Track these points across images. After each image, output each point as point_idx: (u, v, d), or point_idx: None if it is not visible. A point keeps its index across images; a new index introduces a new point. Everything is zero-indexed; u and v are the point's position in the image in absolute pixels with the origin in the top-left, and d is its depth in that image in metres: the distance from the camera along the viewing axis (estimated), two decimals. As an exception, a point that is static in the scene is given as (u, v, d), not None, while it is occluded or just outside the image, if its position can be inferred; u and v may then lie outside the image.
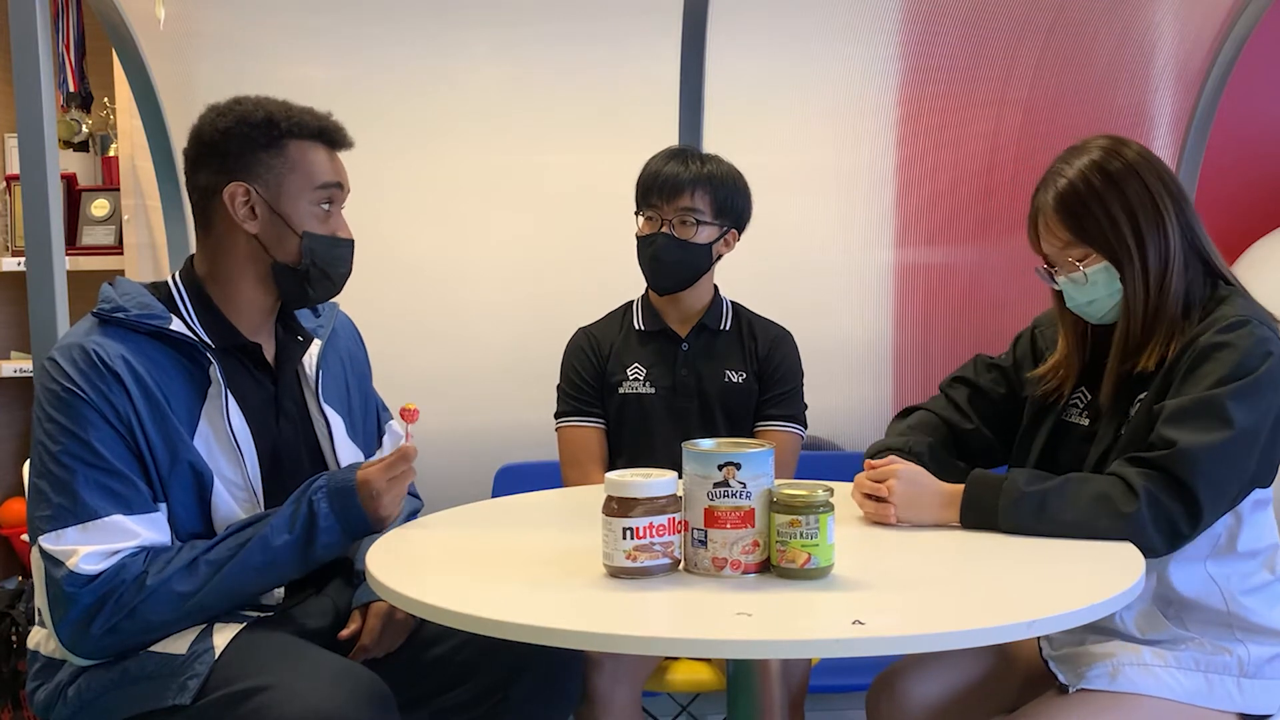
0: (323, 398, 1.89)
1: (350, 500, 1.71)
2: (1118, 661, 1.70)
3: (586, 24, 2.95)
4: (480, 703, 1.84)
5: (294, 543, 1.69)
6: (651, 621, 1.39)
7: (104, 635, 1.63)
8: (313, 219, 1.81)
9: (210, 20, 2.94)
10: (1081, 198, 1.76)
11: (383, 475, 1.72)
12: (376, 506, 1.72)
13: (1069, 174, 1.77)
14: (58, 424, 1.66)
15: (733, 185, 2.36)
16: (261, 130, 1.78)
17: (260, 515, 1.74)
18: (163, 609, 1.63)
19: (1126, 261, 1.75)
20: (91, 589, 1.61)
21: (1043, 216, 1.80)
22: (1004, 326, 2.85)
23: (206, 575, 1.65)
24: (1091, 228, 1.76)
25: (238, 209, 1.78)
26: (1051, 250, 1.81)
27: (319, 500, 1.71)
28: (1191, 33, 2.97)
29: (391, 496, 1.73)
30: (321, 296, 1.86)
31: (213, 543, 1.69)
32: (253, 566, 1.67)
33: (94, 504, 1.63)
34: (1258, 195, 3.32)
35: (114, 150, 3.41)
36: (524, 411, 2.70)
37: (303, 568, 1.72)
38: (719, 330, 2.43)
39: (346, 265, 1.86)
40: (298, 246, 1.79)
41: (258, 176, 1.78)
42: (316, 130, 1.82)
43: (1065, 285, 1.81)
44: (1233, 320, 1.69)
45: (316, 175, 1.80)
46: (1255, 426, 1.65)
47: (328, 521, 1.70)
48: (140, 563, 1.64)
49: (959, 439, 1.97)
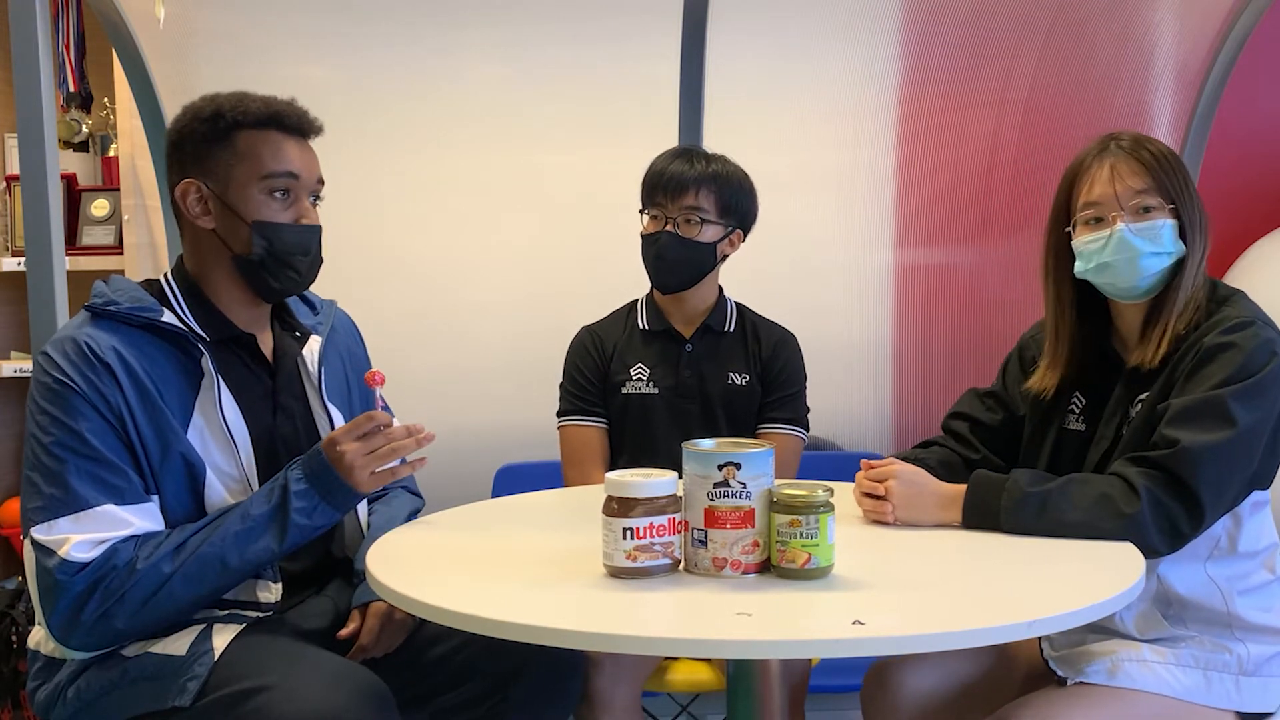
0: (325, 394, 1.89)
1: (318, 459, 1.69)
2: (1117, 658, 1.70)
3: (587, 24, 2.95)
4: (480, 703, 1.84)
5: (271, 510, 1.68)
6: (651, 621, 1.39)
7: (96, 622, 1.62)
8: (264, 208, 1.77)
9: (210, 20, 2.94)
10: (1166, 156, 1.77)
11: (347, 435, 1.69)
12: (346, 467, 1.68)
13: (1145, 139, 1.78)
14: (50, 415, 1.66)
15: (738, 185, 2.36)
16: (209, 124, 1.78)
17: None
18: (151, 588, 1.62)
19: (1197, 230, 1.76)
20: (83, 576, 1.60)
21: (1112, 162, 1.77)
22: (1004, 326, 2.87)
23: (191, 550, 1.64)
24: (1175, 181, 1.76)
25: (190, 206, 1.79)
26: (1122, 190, 1.75)
27: (293, 468, 1.71)
28: (1191, 33, 2.97)
29: (361, 456, 1.68)
30: (287, 286, 1.83)
31: (201, 524, 1.69)
32: (232, 534, 1.65)
33: (85, 494, 1.63)
34: (1258, 195, 3.32)
35: (114, 150, 3.42)
36: (524, 411, 2.70)
37: (281, 539, 1.68)
38: (723, 332, 2.43)
39: (307, 253, 1.81)
40: (249, 236, 1.78)
41: (208, 171, 1.78)
42: (266, 117, 1.79)
43: (1122, 235, 1.74)
44: (1237, 321, 1.70)
45: (264, 163, 1.78)
46: (1257, 427, 1.65)
47: (299, 485, 1.68)
48: (131, 549, 1.63)
49: (970, 467, 1.95)
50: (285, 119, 1.80)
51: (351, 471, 1.69)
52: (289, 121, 1.81)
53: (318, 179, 1.84)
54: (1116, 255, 1.75)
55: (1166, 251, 1.75)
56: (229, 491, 1.75)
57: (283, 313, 1.93)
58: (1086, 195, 1.79)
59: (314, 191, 1.84)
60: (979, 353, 3.05)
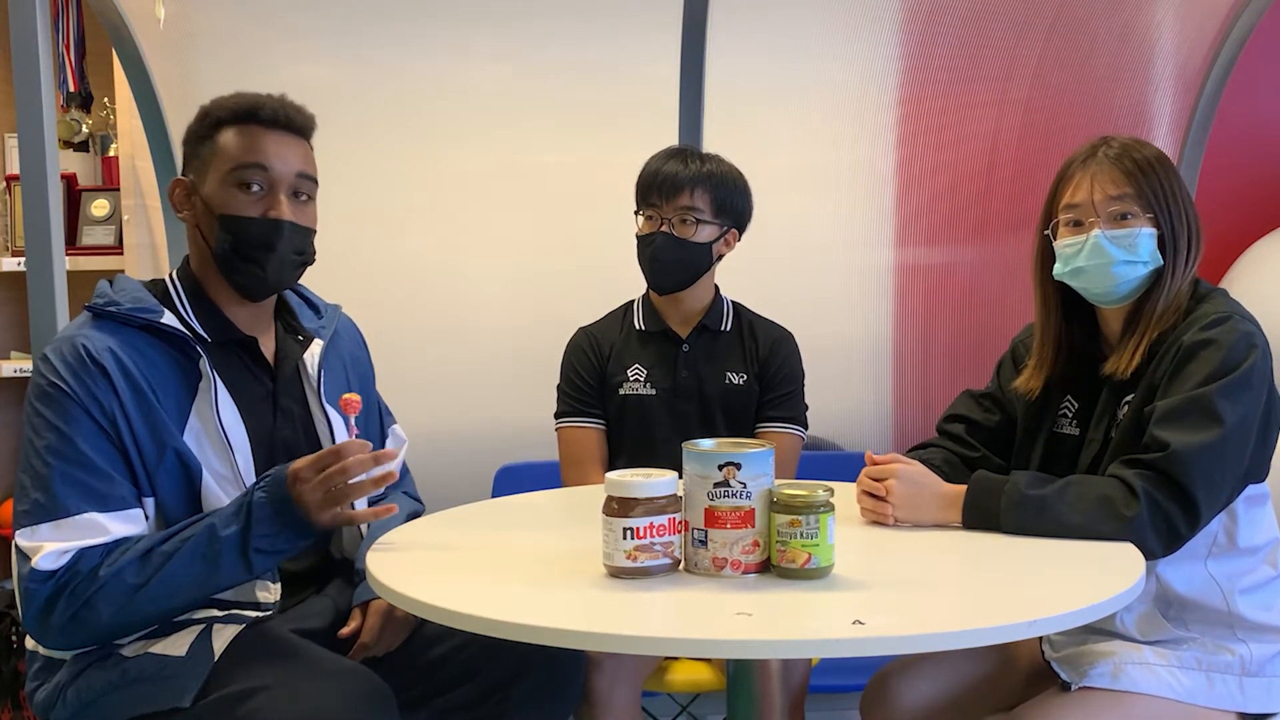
0: (325, 398, 1.89)
1: (279, 491, 1.62)
2: (1119, 660, 1.70)
3: (587, 24, 2.95)
4: (481, 703, 1.83)
5: (237, 534, 1.62)
6: (651, 621, 1.39)
7: (65, 626, 1.61)
8: (231, 201, 1.76)
9: (210, 20, 2.94)
10: (1151, 164, 1.76)
11: (311, 467, 1.61)
12: (305, 505, 1.61)
13: (1133, 146, 1.77)
14: (43, 419, 1.66)
15: (733, 185, 2.36)
16: (198, 123, 1.81)
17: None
18: (114, 600, 1.60)
19: (1181, 237, 1.75)
20: (49, 584, 1.60)
21: (1095, 169, 1.77)
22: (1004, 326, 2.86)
23: (157, 565, 1.61)
24: (1157, 190, 1.75)
25: (176, 202, 1.82)
26: (1100, 198, 1.76)
27: (259, 488, 1.64)
28: (1191, 33, 2.97)
29: (317, 496, 1.61)
30: (252, 284, 1.78)
31: (170, 532, 1.65)
32: (199, 554, 1.61)
33: (68, 501, 1.62)
34: (1258, 195, 3.32)
35: (114, 150, 3.42)
36: (524, 411, 2.70)
37: (243, 565, 1.63)
38: (720, 331, 2.43)
39: (273, 249, 1.76)
40: (216, 230, 1.77)
41: (193, 168, 1.80)
42: (244, 112, 1.78)
43: (1097, 242, 1.75)
44: (1215, 317, 1.70)
45: (234, 155, 1.77)
46: (1245, 421, 1.65)
47: (262, 511, 1.62)
48: (97, 555, 1.61)
49: (970, 466, 1.95)
50: (262, 111, 1.79)
51: (309, 510, 1.62)
52: (265, 114, 1.79)
53: (298, 173, 1.79)
54: (1090, 261, 1.76)
55: (1142, 261, 1.75)
56: (226, 494, 1.74)
57: (286, 315, 1.93)
58: (1069, 198, 1.80)
59: (295, 187, 1.79)
60: (979, 352, 3.05)
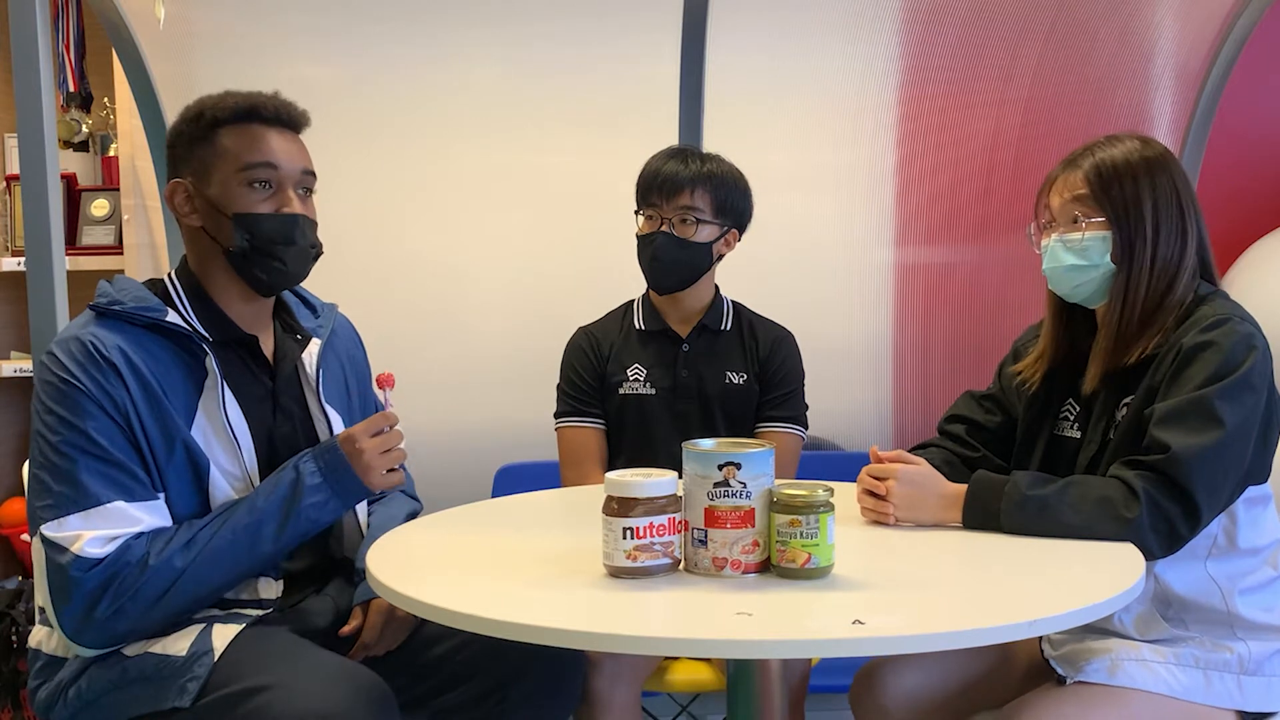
0: (323, 397, 1.89)
1: (334, 455, 1.73)
2: (1117, 656, 1.70)
3: (587, 23, 2.95)
4: (481, 703, 1.84)
5: (280, 500, 1.70)
6: (651, 621, 1.39)
7: (109, 619, 1.62)
8: (244, 199, 1.77)
9: (210, 20, 2.94)
10: (1117, 169, 1.77)
11: (364, 431, 1.74)
12: (363, 465, 1.72)
13: (1108, 150, 1.78)
14: (57, 415, 1.66)
15: (733, 184, 2.35)
16: (193, 124, 1.80)
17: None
18: (163, 584, 1.63)
19: (1140, 245, 1.75)
20: (97, 572, 1.61)
21: (1064, 174, 1.80)
22: (1004, 326, 2.87)
23: (201, 545, 1.66)
24: (1115, 195, 1.76)
25: (179, 206, 1.81)
26: (1058, 202, 1.80)
27: (304, 461, 1.74)
28: (1191, 33, 2.98)
29: (377, 455, 1.73)
30: (274, 279, 1.81)
31: (208, 519, 1.70)
32: (241, 526, 1.68)
33: (96, 491, 1.64)
34: (1258, 195, 3.32)
35: (114, 150, 3.41)
36: (524, 411, 2.70)
37: (284, 530, 1.70)
38: (720, 331, 2.42)
39: (291, 242, 1.79)
40: (231, 229, 1.78)
41: (193, 170, 1.80)
42: (244, 111, 1.79)
43: (1053, 246, 1.79)
44: (1214, 319, 1.70)
45: (241, 155, 1.78)
46: (1245, 423, 1.65)
47: (313, 479, 1.72)
48: (143, 545, 1.64)
49: (971, 466, 1.95)
50: (263, 110, 1.80)
51: (368, 470, 1.73)
52: (267, 113, 1.81)
53: (303, 170, 1.83)
54: (1048, 264, 1.81)
55: (1093, 265, 1.77)
56: (233, 489, 1.75)
57: (284, 314, 1.93)
58: (1045, 200, 1.84)
59: (301, 183, 1.82)
60: (979, 352, 3.05)
